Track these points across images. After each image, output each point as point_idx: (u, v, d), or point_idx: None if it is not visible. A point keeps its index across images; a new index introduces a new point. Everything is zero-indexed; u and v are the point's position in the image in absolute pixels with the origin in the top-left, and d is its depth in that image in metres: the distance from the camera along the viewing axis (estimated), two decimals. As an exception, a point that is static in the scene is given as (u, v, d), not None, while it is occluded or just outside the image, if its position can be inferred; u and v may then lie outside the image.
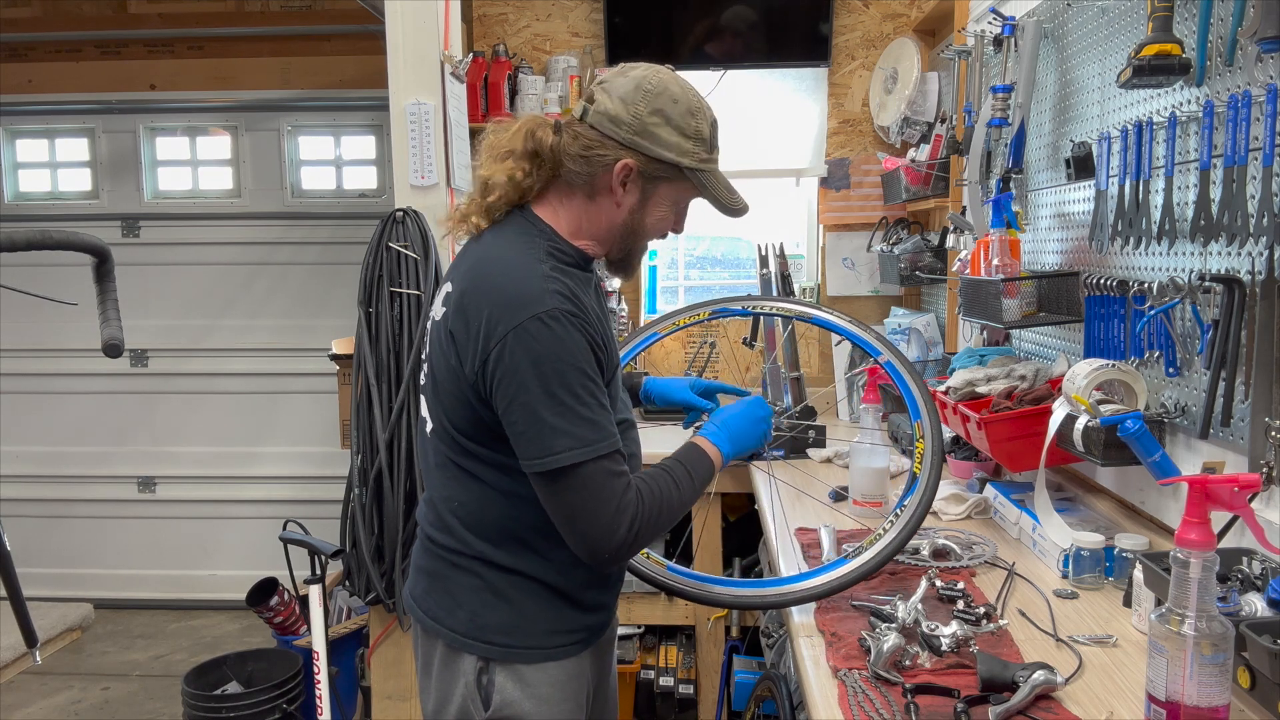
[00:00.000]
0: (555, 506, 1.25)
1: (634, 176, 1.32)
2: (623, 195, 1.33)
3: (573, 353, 1.21)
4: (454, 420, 1.31)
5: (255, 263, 4.29)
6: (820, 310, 1.74)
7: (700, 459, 1.37)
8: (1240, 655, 1.09)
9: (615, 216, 1.35)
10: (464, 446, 1.32)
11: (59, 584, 4.29)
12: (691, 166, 1.33)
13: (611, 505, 1.22)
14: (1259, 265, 1.38)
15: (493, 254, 1.31)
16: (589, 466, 1.21)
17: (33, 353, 4.35)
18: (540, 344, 1.20)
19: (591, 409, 1.22)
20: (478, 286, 1.26)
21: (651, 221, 1.37)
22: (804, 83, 3.57)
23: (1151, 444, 1.53)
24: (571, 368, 1.21)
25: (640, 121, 1.30)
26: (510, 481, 1.29)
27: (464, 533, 1.35)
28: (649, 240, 1.41)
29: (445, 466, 1.36)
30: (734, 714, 2.87)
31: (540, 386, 1.19)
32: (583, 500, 1.22)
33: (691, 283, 3.88)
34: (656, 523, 1.27)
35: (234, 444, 4.37)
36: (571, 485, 1.21)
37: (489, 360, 1.22)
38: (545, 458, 1.21)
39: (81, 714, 3.44)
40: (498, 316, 1.21)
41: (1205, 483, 1.03)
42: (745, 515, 3.08)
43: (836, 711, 1.20)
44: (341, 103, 4.18)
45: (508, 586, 1.34)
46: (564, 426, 1.20)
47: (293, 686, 2.89)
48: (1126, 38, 1.79)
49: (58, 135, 4.40)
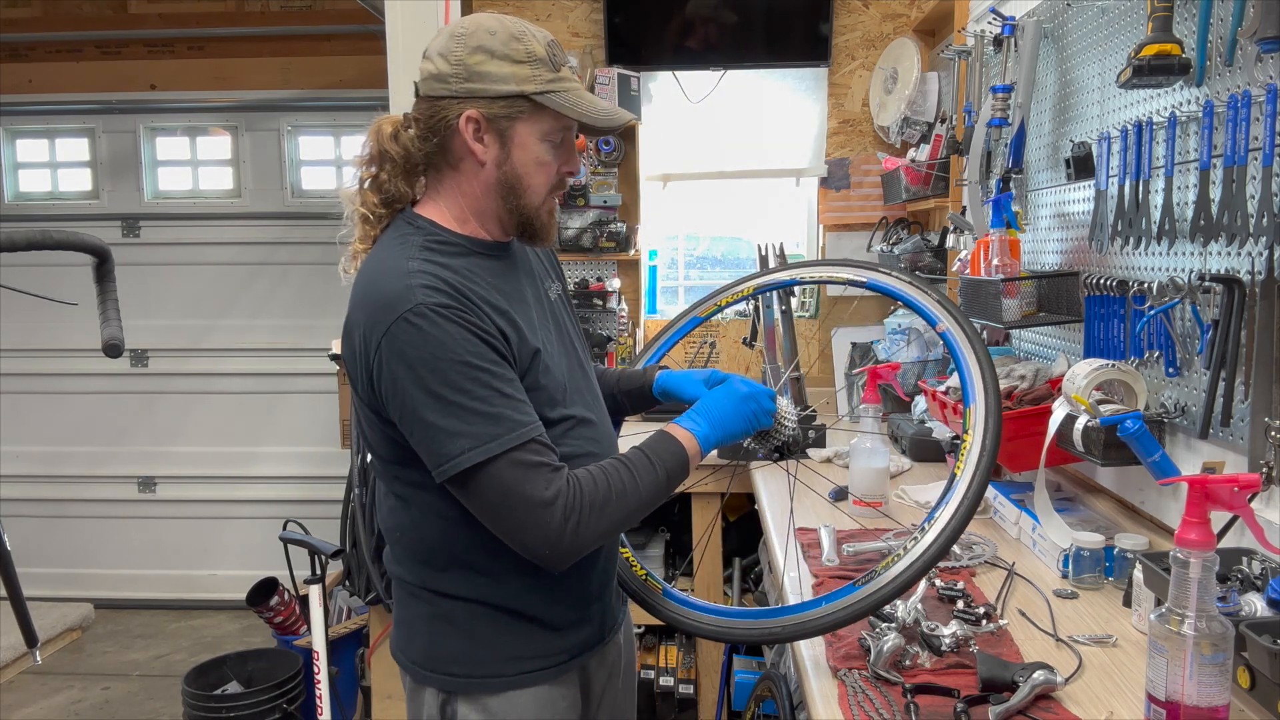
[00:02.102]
0: (479, 513, 1.17)
1: (483, 126, 1.21)
2: (483, 150, 1.22)
3: (449, 347, 1.12)
4: (375, 447, 1.25)
5: (255, 263, 4.30)
6: (876, 272, 1.49)
7: (666, 444, 1.24)
8: (1240, 655, 1.09)
9: (486, 176, 1.24)
10: (393, 473, 1.26)
11: (59, 584, 4.29)
12: (539, 90, 1.20)
13: (535, 498, 1.12)
14: (1259, 265, 1.38)
15: (365, 267, 1.23)
16: (496, 464, 1.12)
17: (33, 353, 4.36)
18: (411, 345, 1.12)
19: (489, 402, 1.12)
20: (352, 304, 1.20)
21: (525, 167, 1.24)
22: (804, 83, 3.57)
23: (1151, 444, 1.53)
24: (452, 363, 1.12)
25: (464, 66, 1.20)
26: (440, 502, 1.20)
27: (410, 562, 1.29)
28: (538, 191, 1.26)
29: (386, 497, 1.30)
30: (734, 714, 2.88)
31: (421, 390, 1.12)
32: (501, 499, 1.13)
33: (691, 283, 3.88)
34: (604, 513, 1.16)
35: (234, 444, 4.38)
36: (484, 487, 1.13)
37: (373, 377, 1.16)
38: (444, 465, 1.13)
39: (81, 714, 3.44)
40: (369, 327, 1.15)
41: (1205, 483, 1.03)
42: (745, 515, 3.08)
43: (836, 711, 1.20)
44: (341, 103, 4.19)
45: (460, 614, 1.27)
46: (457, 427, 1.11)
47: (293, 686, 2.89)
48: (1126, 38, 1.79)
49: (58, 135, 4.40)
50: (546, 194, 1.27)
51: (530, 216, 1.27)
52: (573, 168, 1.29)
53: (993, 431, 1.24)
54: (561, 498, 1.13)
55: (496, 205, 1.26)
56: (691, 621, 1.37)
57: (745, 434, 1.32)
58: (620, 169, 3.53)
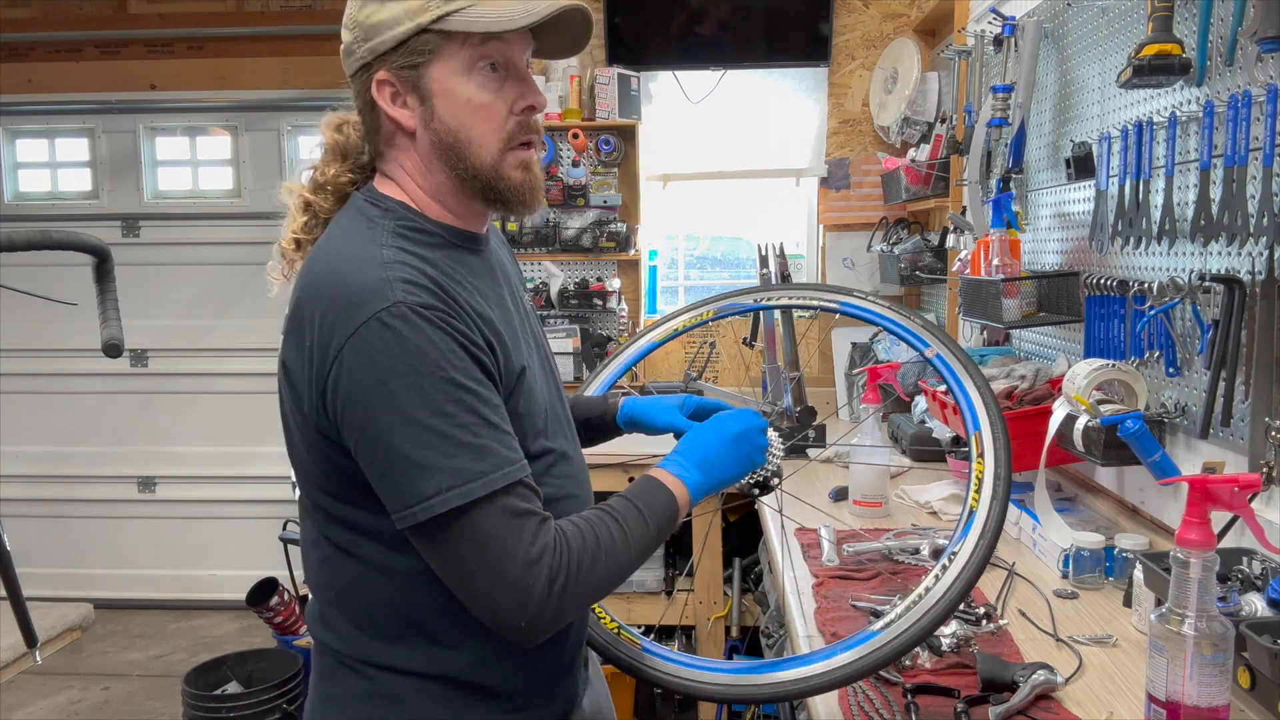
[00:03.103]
0: (442, 567, 0.93)
1: (397, 85, 1.02)
2: (408, 115, 1.02)
3: (432, 359, 0.90)
4: (314, 478, 1.02)
5: (255, 263, 4.22)
6: (851, 297, 1.40)
7: (656, 494, 1.03)
8: (1240, 655, 1.09)
9: (421, 146, 1.03)
10: (332, 514, 1.01)
11: (59, 584, 4.29)
12: (437, 17, 0.97)
13: (518, 555, 0.90)
14: (1259, 265, 1.38)
15: (321, 253, 1.02)
16: (479, 510, 0.90)
17: (33, 353, 4.35)
18: (384, 353, 0.90)
19: (473, 431, 0.91)
20: (302, 297, 0.97)
21: (457, 116, 1.00)
22: (804, 83, 3.57)
23: (1151, 444, 1.53)
24: (433, 379, 0.90)
25: (360, 26, 1.04)
26: (396, 555, 0.98)
27: (347, 628, 1.03)
28: (485, 141, 1.02)
29: (318, 544, 1.04)
30: (734, 714, 2.87)
31: (393, 411, 0.90)
32: (476, 554, 0.90)
33: (691, 283, 3.88)
34: (592, 575, 0.94)
35: (234, 444, 4.37)
36: (456, 537, 0.90)
37: (327, 388, 0.94)
38: (413, 507, 0.90)
39: (81, 714, 3.44)
40: (330, 326, 0.93)
41: (1205, 483, 1.03)
42: (745, 515, 3.08)
43: (836, 711, 1.20)
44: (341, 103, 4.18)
45: (406, 691, 1.02)
46: (434, 461, 0.89)
47: (293, 686, 2.89)
48: (1126, 38, 1.79)
49: (58, 135, 4.40)
50: (500, 143, 1.02)
51: (489, 178, 1.02)
52: (530, 99, 1.03)
53: (1003, 458, 1.18)
54: (548, 556, 0.92)
55: (445, 177, 1.03)
56: (684, 681, 1.16)
57: (737, 478, 1.13)
58: (620, 169, 3.54)
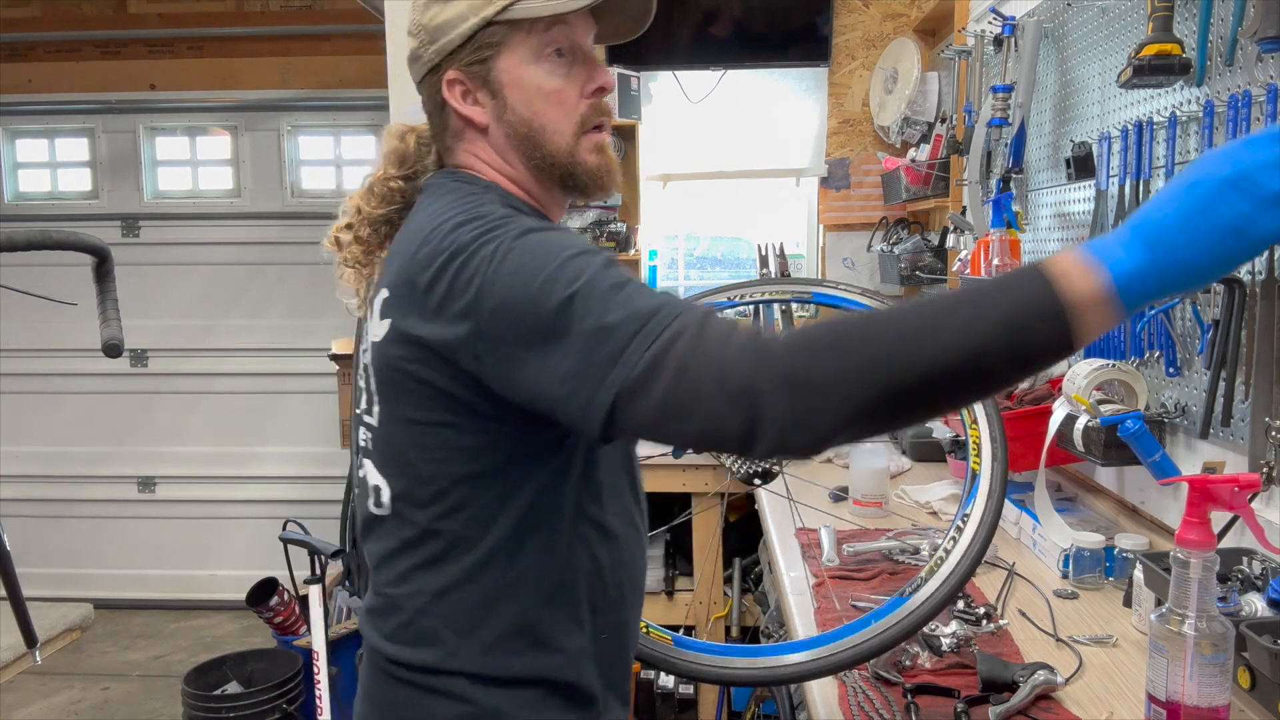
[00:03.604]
0: (658, 417, 0.78)
1: (468, 84, 0.99)
2: (480, 112, 1.00)
3: (581, 240, 0.88)
4: (417, 486, 0.95)
5: (255, 263, 4.29)
6: (822, 286, 1.44)
7: (1017, 280, 0.70)
8: (1240, 655, 1.09)
9: (496, 141, 1.01)
10: (454, 501, 0.94)
11: (59, 584, 4.29)
12: (501, 8, 0.96)
13: (738, 338, 0.76)
14: (1259, 265, 1.38)
15: (426, 217, 0.95)
16: (684, 333, 0.77)
17: (33, 353, 4.35)
18: (538, 248, 0.85)
19: (644, 287, 0.83)
20: (421, 256, 0.90)
21: (530, 106, 0.99)
22: (804, 83, 3.57)
23: (1151, 444, 1.53)
24: (592, 251, 0.85)
25: (424, 30, 1.00)
26: (513, 533, 0.94)
27: (449, 638, 0.96)
28: (559, 127, 1.00)
29: (416, 546, 0.96)
30: (734, 714, 2.88)
31: (561, 281, 0.82)
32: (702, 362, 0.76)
33: (691, 282, 3.88)
34: (847, 351, 0.72)
35: (234, 444, 4.37)
36: (669, 369, 0.76)
37: (483, 324, 0.84)
38: (630, 348, 0.77)
39: (81, 714, 3.44)
40: (457, 254, 0.86)
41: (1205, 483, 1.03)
42: (745, 515, 3.08)
43: (836, 711, 1.20)
44: (341, 103, 4.18)
45: (501, 703, 0.96)
46: (626, 298, 0.80)
47: (293, 686, 2.89)
48: (1126, 38, 1.79)
49: (58, 135, 4.40)
50: (574, 128, 1.00)
51: (566, 164, 1.01)
52: (599, 80, 1.01)
53: (995, 421, 1.24)
54: (765, 332, 0.77)
55: (524, 168, 1.02)
56: (718, 670, 1.20)
57: (1224, 261, 0.66)
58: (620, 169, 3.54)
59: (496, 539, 0.94)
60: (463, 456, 0.93)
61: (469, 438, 0.92)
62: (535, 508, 0.95)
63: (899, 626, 1.13)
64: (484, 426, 0.91)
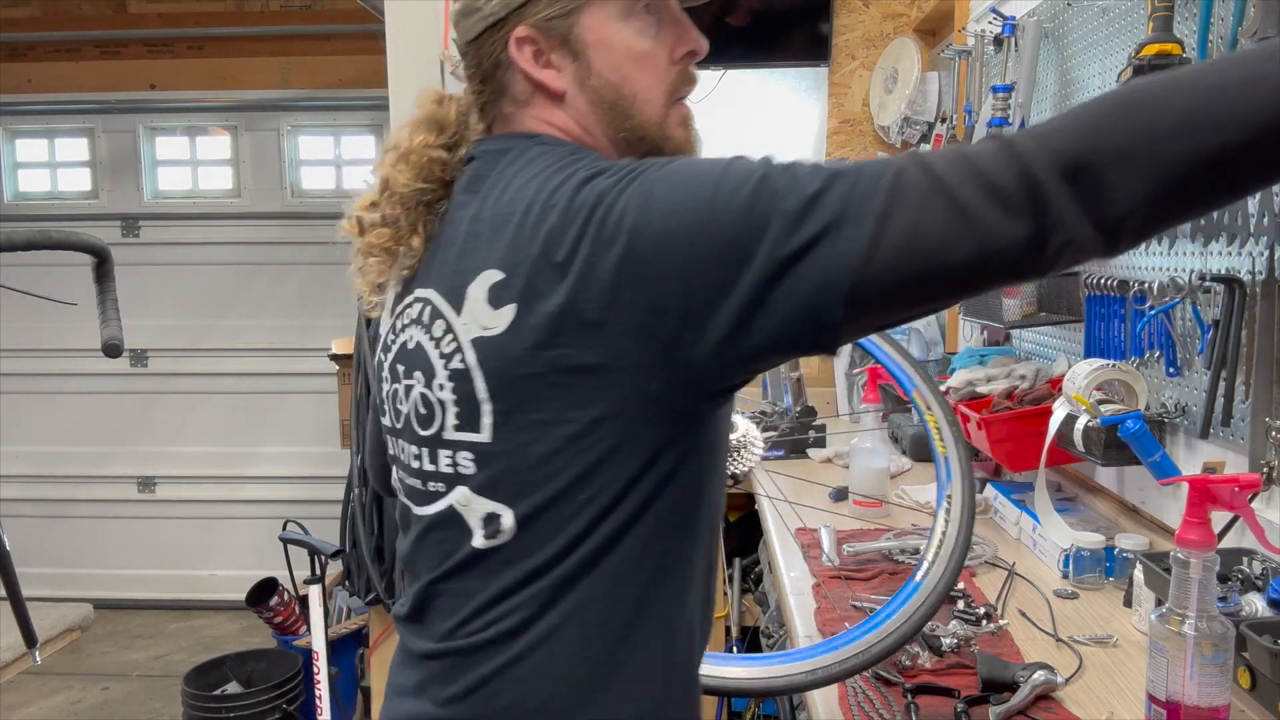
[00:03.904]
0: (933, 253, 0.65)
1: (542, 42, 0.84)
2: (555, 76, 0.86)
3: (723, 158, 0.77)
4: (581, 461, 0.76)
5: (255, 263, 4.30)
6: None
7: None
8: (1240, 655, 1.09)
9: (575, 108, 0.86)
10: (597, 510, 0.77)
11: (59, 584, 4.29)
12: None
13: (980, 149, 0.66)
14: (1259, 265, 1.38)
15: (523, 185, 0.79)
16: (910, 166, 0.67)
17: (33, 353, 4.36)
18: (681, 169, 0.74)
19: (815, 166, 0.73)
20: (541, 222, 0.75)
21: (620, 69, 0.86)
22: (804, 82, 3.57)
23: (1152, 444, 1.53)
24: (739, 158, 0.76)
25: None
26: (649, 537, 0.79)
27: (554, 679, 0.79)
28: (652, 95, 0.89)
29: (541, 575, 0.78)
30: (734, 714, 2.87)
31: (746, 183, 0.71)
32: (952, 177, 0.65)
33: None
34: (1109, 132, 0.62)
35: (233, 444, 4.38)
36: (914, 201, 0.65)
37: (646, 271, 0.70)
38: (866, 201, 0.67)
39: (81, 714, 3.44)
40: (601, 208, 0.72)
41: (1205, 483, 1.03)
42: (745, 515, 3.08)
43: (836, 711, 1.20)
44: (341, 103, 4.19)
45: None
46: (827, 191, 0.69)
47: (293, 686, 2.89)
48: (1127, 37, 1.79)
49: (57, 135, 4.40)
50: (665, 97, 0.89)
51: (655, 138, 0.89)
52: (691, 43, 0.91)
53: (944, 403, 1.34)
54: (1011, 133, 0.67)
55: (607, 142, 0.87)
56: (763, 680, 1.17)
57: None
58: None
59: (642, 552, 0.79)
60: (616, 456, 0.76)
61: (623, 429, 0.75)
62: (675, 516, 0.80)
63: (929, 602, 1.16)
64: (647, 413, 0.75)
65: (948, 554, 1.20)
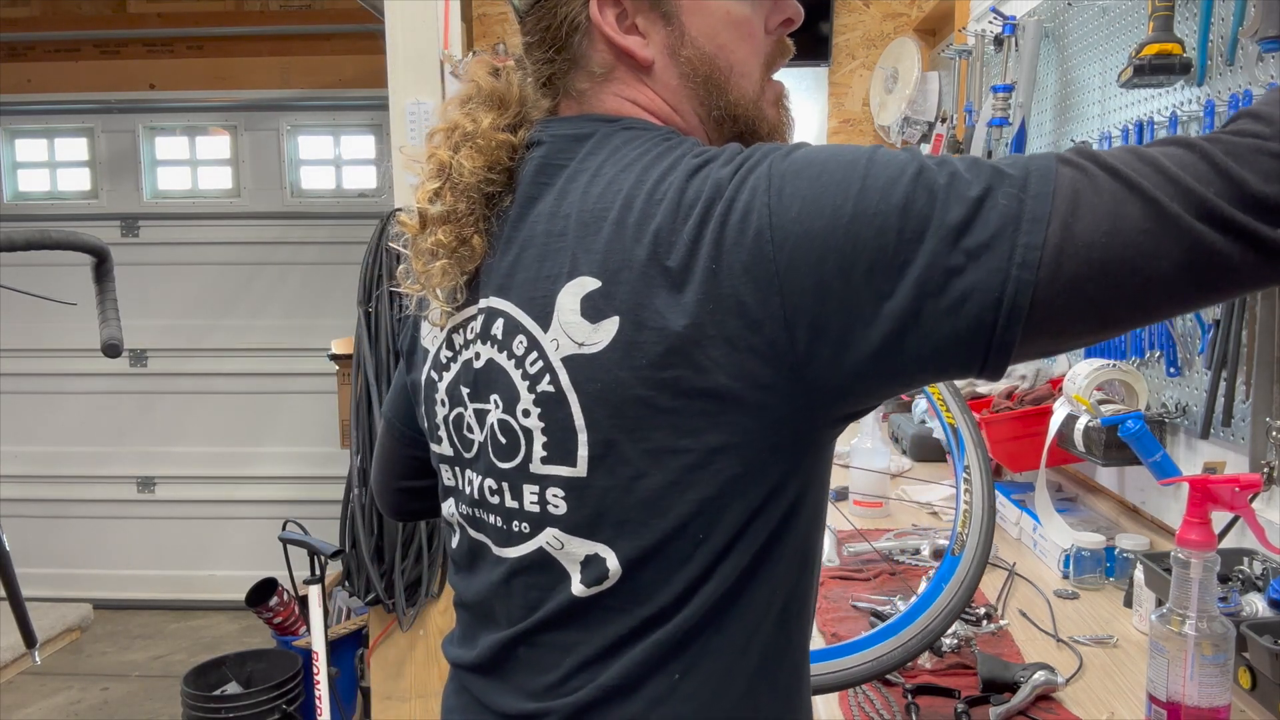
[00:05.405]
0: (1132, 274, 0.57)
1: (627, 2, 0.74)
2: (641, 43, 0.74)
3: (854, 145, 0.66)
4: (700, 494, 0.66)
5: (255, 263, 4.29)
6: None
7: None
8: (1241, 655, 1.09)
9: (662, 81, 0.75)
10: (716, 548, 0.67)
11: (59, 584, 4.29)
12: None
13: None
14: (1260, 265, 1.38)
15: (613, 178, 0.69)
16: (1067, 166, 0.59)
17: (33, 353, 4.35)
18: (816, 155, 0.63)
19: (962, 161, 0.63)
20: (647, 222, 0.64)
21: (717, 39, 0.74)
22: (804, 82, 3.57)
23: (1152, 444, 1.53)
24: (875, 146, 0.64)
25: None
26: (783, 563, 0.70)
27: (703, 699, 0.70)
28: (749, 69, 0.76)
29: (658, 625, 0.69)
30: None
31: (892, 169, 0.60)
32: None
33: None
34: None
35: (233, 444, 4.38)
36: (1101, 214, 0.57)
37: (769, 271, 0.60)
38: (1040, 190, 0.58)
39: (81, 714, 3.44)
40: (721, 203, 0.62)
41: (1206, 483, 1.03)
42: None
43: (836, 711, 1.20)
44: (341, 102, 4.19)
45: None
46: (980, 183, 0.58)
47: (292, 687, 2.89)
48: (1127, 37, 1.79)
49: (57, 135, 4.40)
50: (761, 70, 0.78)
51: (751, 116, 0.77)
52: (788, 10, 0.78)
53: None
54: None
55: (698, 121, 0.77)
56: (830, 674, 1.14)
57: None
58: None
59: (769, 591, 0.71)
60: (735, 489, 0.67)
61: (745, 458, 0.66)
62: (798, 550, 0.72)
63: (968, 581, 1.17)
64: (772, 440, 0.66)
65: (977, 525, 1.19)
